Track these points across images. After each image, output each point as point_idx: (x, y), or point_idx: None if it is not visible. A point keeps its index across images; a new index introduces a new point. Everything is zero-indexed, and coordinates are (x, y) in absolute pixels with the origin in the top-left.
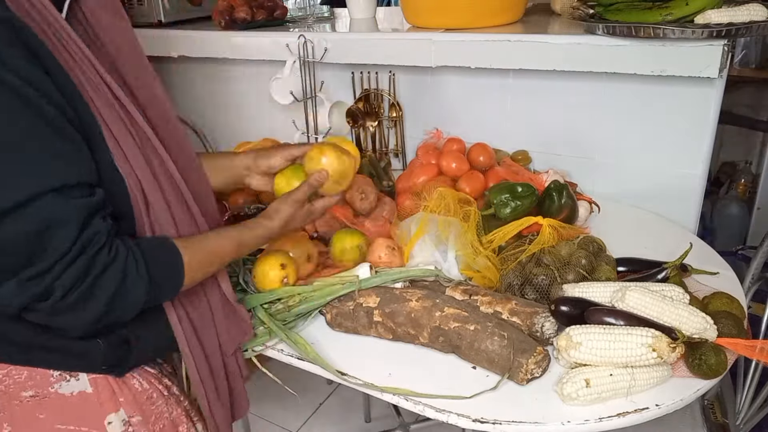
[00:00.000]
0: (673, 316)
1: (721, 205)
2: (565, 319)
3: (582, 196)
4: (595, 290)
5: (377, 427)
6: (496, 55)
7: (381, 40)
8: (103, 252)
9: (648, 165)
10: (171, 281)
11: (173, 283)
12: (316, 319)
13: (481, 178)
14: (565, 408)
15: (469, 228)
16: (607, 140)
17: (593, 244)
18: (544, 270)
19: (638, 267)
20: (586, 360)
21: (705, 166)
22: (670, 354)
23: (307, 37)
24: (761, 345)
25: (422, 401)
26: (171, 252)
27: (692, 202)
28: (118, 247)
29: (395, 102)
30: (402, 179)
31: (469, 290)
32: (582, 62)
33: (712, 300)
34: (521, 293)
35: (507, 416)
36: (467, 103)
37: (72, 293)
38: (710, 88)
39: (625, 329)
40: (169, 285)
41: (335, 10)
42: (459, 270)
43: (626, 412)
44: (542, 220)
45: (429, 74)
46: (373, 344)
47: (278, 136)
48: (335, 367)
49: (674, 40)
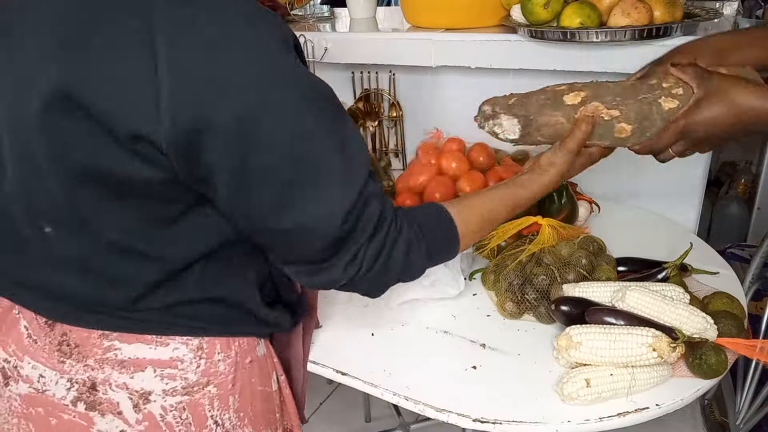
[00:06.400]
0: (673, 316)
1: (721, 205)
2: (565, 319)
3: (582, 196)
4: (595, 290)
5: (377, 427)
6: (496, 55)
7: (381, 40)
8: (393, 227)
9: (648, 165)
10: (447, 255)
11: (448, 255)
12: None
13: (481, 178)
14: (565, 408)
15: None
16: None
17: (593, 244)
18: (544, 270)
19: (638, 267)
20: (586, 360)
21: (705, 165)
22: (671, 354)
23: (307, 36)
24: (761, 345)
25: (422, 401)
26: (447, 225)
27: (692, 202)
28: (402, 223)
29: (395, 102)
30: (402, 179)
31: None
32: (582, 62)
33: (713, 300)
34: (521, 293)
35: (507, 416)
36: (467, 103)
37: (375, 265)
38: None
39: (625, 329)
40: (444, 257)
41: (335, 9)
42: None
43: (626, 411)
44: (542, 219)
45: (429, 74)
46: (374, 344)
47: None
48: (335, 367)
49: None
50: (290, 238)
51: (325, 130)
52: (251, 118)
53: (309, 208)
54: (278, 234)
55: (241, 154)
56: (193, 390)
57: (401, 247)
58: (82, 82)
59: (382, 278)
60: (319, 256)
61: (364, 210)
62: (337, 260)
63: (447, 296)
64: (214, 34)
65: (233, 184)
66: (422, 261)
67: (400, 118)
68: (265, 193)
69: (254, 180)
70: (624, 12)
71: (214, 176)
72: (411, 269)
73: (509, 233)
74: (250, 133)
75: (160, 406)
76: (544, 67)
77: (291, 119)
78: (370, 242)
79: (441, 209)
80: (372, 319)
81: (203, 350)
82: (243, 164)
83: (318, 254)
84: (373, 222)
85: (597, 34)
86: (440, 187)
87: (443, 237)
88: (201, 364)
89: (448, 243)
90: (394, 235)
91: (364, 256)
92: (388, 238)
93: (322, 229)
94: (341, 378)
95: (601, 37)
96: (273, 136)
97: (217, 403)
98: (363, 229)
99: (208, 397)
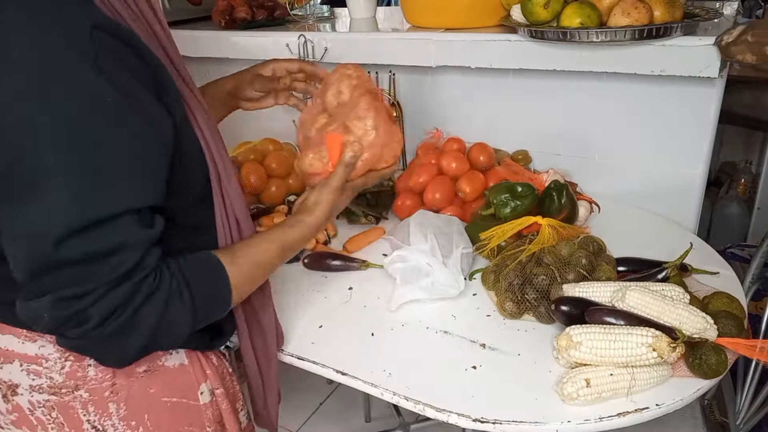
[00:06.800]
0: (673, 316)
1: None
2: (565, 319)
3: (582, 196)
4: (595, 290)
5: (377, 427)
6: (496, 55)
7: (381, 40)
8: (149, 279)
9: (648, 165)
10: (218, 304)
11: (221, 306)
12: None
13: (481, 178)
14: (566, 408)
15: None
16: (607, 140)
17: (593, 244)
18: (544, 270)
19: (638, 267)
20: (587, 360)
21: (705, 165)
22: (671, 354)
23: (307, 36)
24: (761, 345)
25: (422, 401)
26: (217, 272)
27: (692, 201)
28: (163, 274)
29: (395, 102)
30: (402, 179)
31: None
32: (582, 62)
33: (713, 300)
34: (521, 293)
35: (507, 416)
36: (467, 103)
37: (110, 323)
38: (710, 88)
39: (625, 329)
40: (216, 308)
41: (335, 9)
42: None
43: (626, 411)
44: (542, 219)
45: (429, 74)
46: (374, 344)
47: (278, 136)
48: (335, 367)
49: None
50: (7, 244)
51: (63, 129)
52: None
53: (20, 213)
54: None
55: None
56: (61, 392)
57: (156, 305)
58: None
59: (123, 341)
60: (25, 278)
61: (109, 247)
62: (47, 292)
63: (447, 296)
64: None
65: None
66: (186, 319)
67: (400, 118)
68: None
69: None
70: (624, 12)
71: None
72: (170, 331)
73: (509, 233)
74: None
75: (27, 400)
76: (544, 67)
77: (18, 108)
78: (108, 291)
79: (212, 257)
80: (372, 319)
81: (71, 352)
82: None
83: (23, 275)
84: (124, 268)
85: (597, 34)
86: (440, 187)
87: (214, 289)
88: (66, 366)
89: (220, 295)
90: (147, 290)
91: (93, 304)
92: (139, 293)
93: (28, 246)
94: (341, 378)
95: (601, 37)
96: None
97: (93, 409)
98: (98, 271)
99: (80, 401)
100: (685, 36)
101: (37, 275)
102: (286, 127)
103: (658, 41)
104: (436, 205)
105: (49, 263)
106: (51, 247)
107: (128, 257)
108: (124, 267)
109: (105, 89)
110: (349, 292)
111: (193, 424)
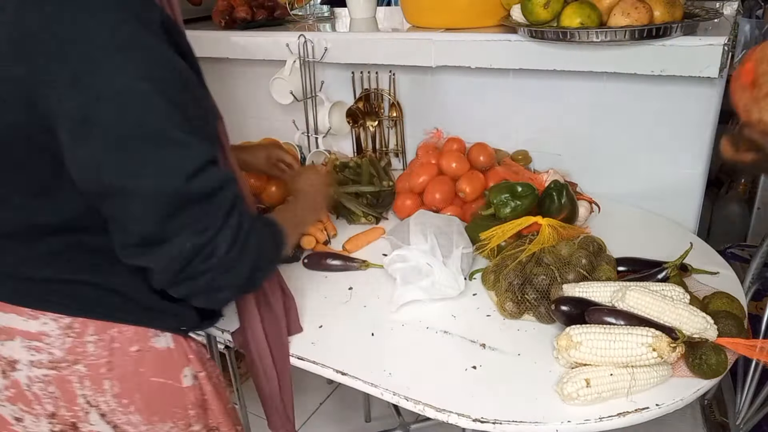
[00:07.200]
0: (673, 316)
1: (721, 205)
2: (565, 319)
3: (582, 196)
4: (595, 290)
5: (377, 427)
6: (496, 55)
7: (381, 39)
8: (242, 209)
9: (648, 165)
10: (281, 248)
11: (281, 251)
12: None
13: (481, 178)
14: (566, 408)
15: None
16: (607, 140)
17: (593, 244)
18: (544, 270)
19: (638, 267)
20: (586, 360)
21: (705, 165)
22: (671, 354)
23: (307, 36)
24: (761, 345)
25: (422, 401)
26: (274, 224)
27: (692, 201)
28: (247, 213)
29: (395, 102)
30: (402, 179)
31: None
32: (582, 62)
33: (713, 300)
34: (521, 293)
35: (507, 416)
36: (467, 103)
37: (233, 248)
38: (710, 88)
39: (625, 329)
40: (281, 244)
41: (335, 9)
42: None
43: (626, 411)
44: (542, 219)
45: (429, 74)
46: (374, 344)
47: (278, 136)
48: (335, 367)
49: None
50: (126, 197)
51: (166, 96)
52: (88, 72)
53: (150, 158)
54: (113, 192)
55: (78, 102)
56: (60, 365)
57: (253, 229)
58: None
59: (241, 266)
60: (157, 224)
61: (218, 184)
62: (180, 230)
63: (447, 296)
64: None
65: (74, 132)
66: (269, 245)
67: (400, 118)
68: (96, 144)
69: (92, 130)
70: (624, 12)
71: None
72: (264, 256)
73: (509, 233)
74: (88, 84)
75: (26, 375)
76: (544, 67)
77: (125, 78)
78: (225, 222)
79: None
80: (372, 319)
81: (73, 329)
82: (81, 113)
83: (153, 221)
84: (228, 201)
85: (597, 34)
86: (440, 187)
87: (274, 226)
88: (67, 342)
89: (280, 231)
90: (246, 218)
91: (218, 233)
92: (244, 220)
93: (160, 186)
94: (341, 378)
95: (601, 37)
96: (109, 88)
97: (89, 383)
98: (218, 204)
99: (78, 375)
100: (685, 36)
101: (172, 214)
102: (287, 127)
103: (658, 41)
104: (436, 205)
105: (181, 199)
106: (184, 183)
107: (230, 191)
108: (228, 200)
109: (181, 66)
110: (349, 292)
111: (177, 405)
